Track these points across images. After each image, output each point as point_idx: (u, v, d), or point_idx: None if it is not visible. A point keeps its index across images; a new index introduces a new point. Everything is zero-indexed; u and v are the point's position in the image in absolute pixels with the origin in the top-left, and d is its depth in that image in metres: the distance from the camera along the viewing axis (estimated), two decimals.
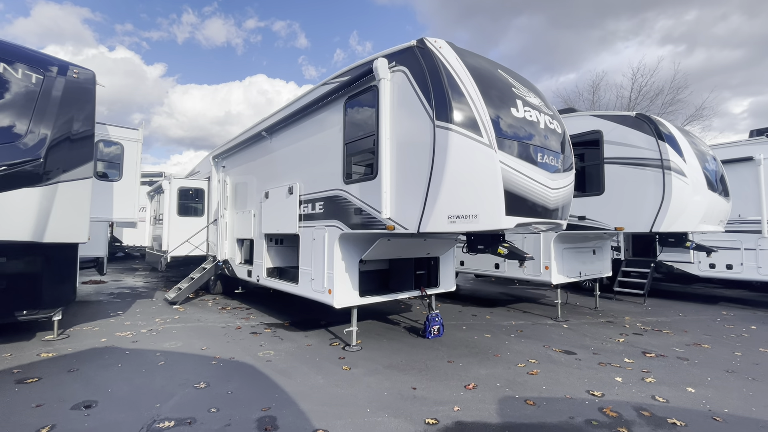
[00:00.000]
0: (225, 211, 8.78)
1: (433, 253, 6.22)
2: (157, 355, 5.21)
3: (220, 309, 8.28)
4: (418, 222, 4.00)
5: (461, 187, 3.76)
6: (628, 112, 6.40)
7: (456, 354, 5.31)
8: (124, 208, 6.02)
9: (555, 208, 4.37)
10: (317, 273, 5.53)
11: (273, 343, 5.80)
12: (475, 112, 3.75)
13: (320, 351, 5.41)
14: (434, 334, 6.09)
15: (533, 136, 4.16)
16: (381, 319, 7.35)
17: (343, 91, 5.15)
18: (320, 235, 5.51)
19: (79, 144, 4.63)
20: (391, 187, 4.36)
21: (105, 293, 9.94)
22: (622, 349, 5.59)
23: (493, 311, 8.24)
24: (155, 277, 13.47)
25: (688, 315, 7.98)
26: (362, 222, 4.81)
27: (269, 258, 7.31)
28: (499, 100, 4.01)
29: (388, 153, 4.35)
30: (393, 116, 4.36)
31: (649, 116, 6.13)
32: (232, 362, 4.97)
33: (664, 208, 5.82)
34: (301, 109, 5.96)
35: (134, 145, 6.18)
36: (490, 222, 3.75)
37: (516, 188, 3.84)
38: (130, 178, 6.09)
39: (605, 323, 7.23)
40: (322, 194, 5.56)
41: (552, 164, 4.29)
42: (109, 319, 7.20)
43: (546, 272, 7.29)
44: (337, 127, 5.30)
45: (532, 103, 4.38)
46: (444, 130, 3.74)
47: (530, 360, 5.09)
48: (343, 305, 5.24)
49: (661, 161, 5.86)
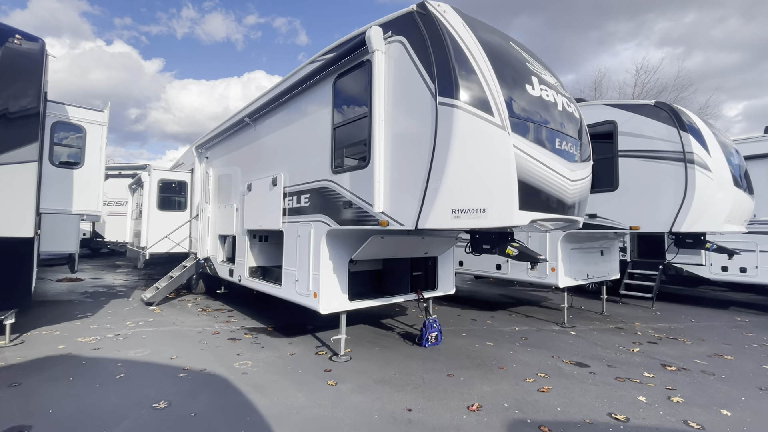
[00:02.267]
0: (207, 205, 8.14)
1: (431, 252, 5.64)
2: (118, 365, 4.59)
3: (200, 311, 7.65)
4: (416, 217, 3.41)
5: (468, 176, 3.18)
6: (646, 101, 5.85)
7: (456, 366, 4.75)
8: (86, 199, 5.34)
9: (573, 203, 3.81)
10: (302, 274, 4.94)
11: (252, 351, 5.20)
12: (486, 87, 3.16)
13: (304, 361, 4.82)
14: (432, 342, 5.53)
15: (551, 119, 3.58)
16: (373, 323, 6.77)
17: (332, 68, 4.54)
18: (305, 232, 4.91)
19: (19, 122, 3.98)
20: (385, 176, 3.76)
21: (78, 292, 9.26)
22: (639, 361, 5.06)
23: (494, 315, 7.69)
24: (137, 275, 12.78)
25: (701, 321, 7.49)
26: (352, 217, 4.22)
27: (252, 256, 6.69)
28: (513, 75, 3.42)
29: (381, 137, 3.75)
30: (388, 94, 3.77)
31: (669, 105, 5.58)
32: (202, 375, 4.37)
33: (686, 206, 5.27)
34: (286, 91, 5.35)
35: (98, 129, 5.49)
36: (500, 217, 3.17)
37: (531, 178, 3.26)
38: (93, 165, 5.40)
39: (615, 330, 6.71)
40: (309, 186, 4.95)
41: (571, 152, 3.72)
42: (75, 321, 6.56)
43: (552, 274, 6.75)
44: (325, 109, 4.69)
45: (548, 82, 3.80)
46: (448, 107, 3.15)
47: (539, 374, 4.54)
48: (329, 311, 4.65)
49: (683, 154, 5.31)
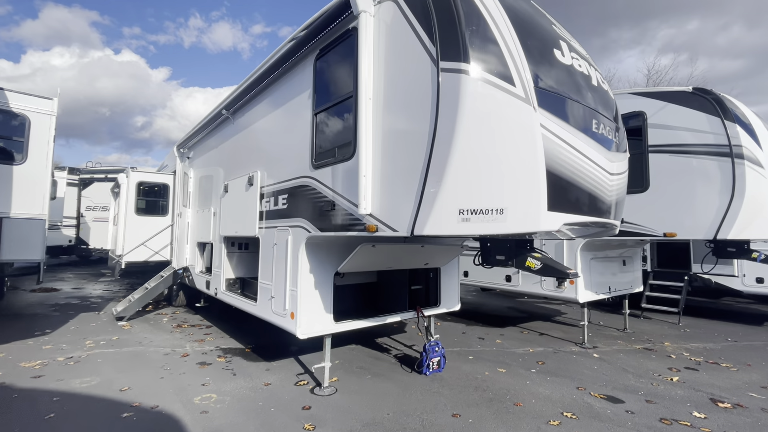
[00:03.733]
0: (185, 209, 7.38)
1: (432, 263, 4.85)
2: (53, 400, 3.80)
3: (175, 327, 6.86)
4: (411, 220, 2.63)
5: (480, 166, 2.40)
6: (682, 87, 5.07)
7: (463, 401, 3.93)
8: (29, 200, 4.59)
9: (610, 203, 3.02)
10: (278, 290, 4.15)
11: (221, 380, 4.39)
12: (504, 48, 2.39)
13: (279, 395, 4.01)
14: (434, 369, 4.71)
15: (584, 94, 2.80)
16: (367, 342, 5.95)
17: (312, 44, 3.80)
18: (282, 239, 4.13)
19: None
20: (374, 169, 2.99)
21: (47, 304, 8.49)
22: (682, 395, 4.22)
23: (503, 333, 6.85)
24: (120, 284, 12.01)
25: (738, 340, 6.62)
26: (335, 221, 3.44)
27: (230, 267, 5.92)
28: (538, 36, 2.65)
29: (369, 120, 2.98)
30: (378, 67, 3.00)
31: (710, 91, 4.80)
32: (151, 414, 3.57)
33: (734, 209, 4.47)
34: (263, 76, 4.61)
35: (45, 120, 4.75)
36: (523, 221, 2.39)
37: (563, 169, 2.48)
38: (38, 161, 4.65)
39: (643, 351, 5.86)
40: (287, 184, 4.19)
41: (610, 138, 2.94)
42: (28, 341, 5.77)
43: (571, 288, 5.92)
44: (305, 93, 3.94)
45: (579, 51, 3.03)
46: (453, 74, 2.38)
47: (565, 413, 3.71)
48: (309, 335, 3.85)
49: (730, 148, 4.52)
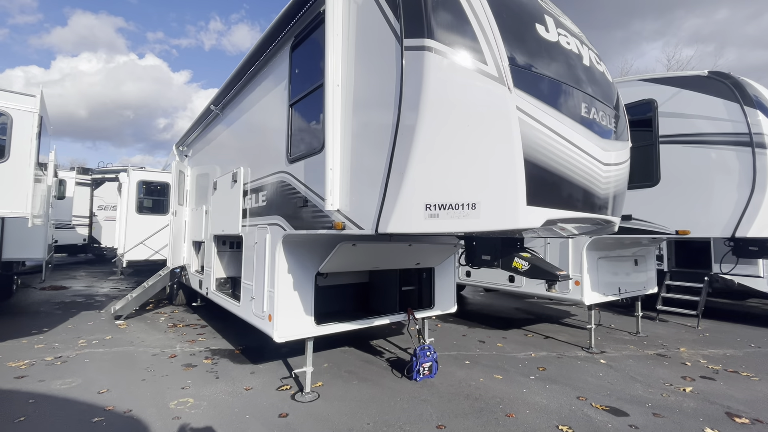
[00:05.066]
0: (182, 207, 7.32)
1: (424, 263, 4.60)
2: (29, 402, 3.73)
3: (170, 326, 6.80)
4: (375, 216, 2.39)
5: (448, 155, 2.14)
6: (697, 72, 4.66)
7: (451, 412, 3.67)
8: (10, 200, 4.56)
9: (605, 197, 2.71)
10: (258, 290, 3.98)
11: (202, 383, 4.25)
12: (474, 23, 2.13)
13: (258, 401, 3.84)
14: (424, 375, 4.46)
15: (573, 74, 2.50)
16: (360, 345, 5.74)
17: (287, 33, 3.60)
18: (262, 238, 3.95)
19: None
20: (342, 162, 2.76)
21: (53, 302, 8.60)
22: (694, 407, 3.85)
23: (506, 336, 6.54)
24: (129, 282, 12.14)
25: (762, 346, 6.13)
26: (307, 218, 3.23)
27: (221, 266, 5.80)
28: (515, 9, 2.37)
29: (338, 107, 2.75)
30: (347, 51, 2.77)
31: (728, 74, 4.38)
32: (122, 419, 3.44)
33: (754, 204, 4.05)
34: (244, 68, 4.44)
35: (28, 117, 4.68)
36: (499, 216, 2.13)
37: (545, 158, 2.20)
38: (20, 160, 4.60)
39: (656, 357, 5.46)
40: (266, 180, 4.01)
41: (603, 124, 2.63)
42: (22, 339, 5.79)
43: (576, 289, 5.57)
44: (282, 84, 3.74)
45: (569, 28, 2.73)
46: (417, 51, 2.13)
47: (560, 426, 3.41)
48: (287, 338, 3.65)
49: (750, 136, 4.10)
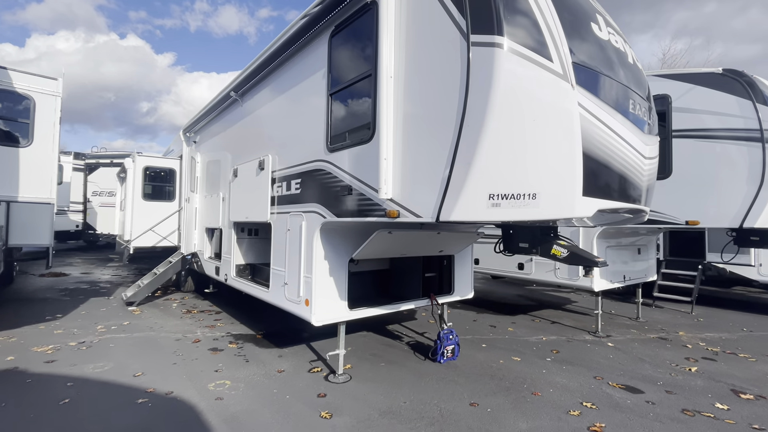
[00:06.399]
0: (193, 194, 7.29)
1: (447, 250, 4.75)
2: (67, 386, 3.78)
3: (185, 312, 6.85)
4: (437, 205, 2.51)
5: (513, 148, 2.26)
6: (711, 69, 4.85)
7: (480, 391, 3.87)
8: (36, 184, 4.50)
9: (644, 188, 2.88)
10: (291, 276, 4.07)
11: (234, 366, 4.36)
12: (540, 20, 2.23)
13: (294, 382, 3.97)
14: (448, 357, 4.65)
15: (621, 72, 2.64)
16: (377, 329, 5.91)
17: (327, 21, 3.62)
18: (296, 225, 4.03)
19: None
20: (395, 152, 2.86)
21: (57, 289, 8.51)
22: (702, 386, 4.14)
23: (514, 321, 6.79)
24: (128, 269, 12.04)
25: (754, 330, 6.52)
26: (352, 206, 3.33)
27: (240, 253, 5.85)
28: (574, 8, 2.48)
29: (391, 99, 2.84)
30: (399, 43, 2.84)
31: (742, 72, 4.58)
32: (166, 400, 3.54)
33: (762, 196, 4.31)
34: (273, 56, 4.44)
35: (50, 100, 4.60)
36: (557, 206, 2.26)
37: (600, 151, 2.34)
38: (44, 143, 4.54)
39: (658, 341, 5.78)
40: (300, 168, 4.06)
41: (644, 120, 2.79)
42: (39, 325, 5.77)
43: (586, 277, 5.81)
44: (319, 72, 3.78)
45: (613, 26, 2.85)
46: (486, 48, 2.23)
47: (584, 403, 3.65)
48: (324, 322, 3.78)
49: (761, 132, 4.33)
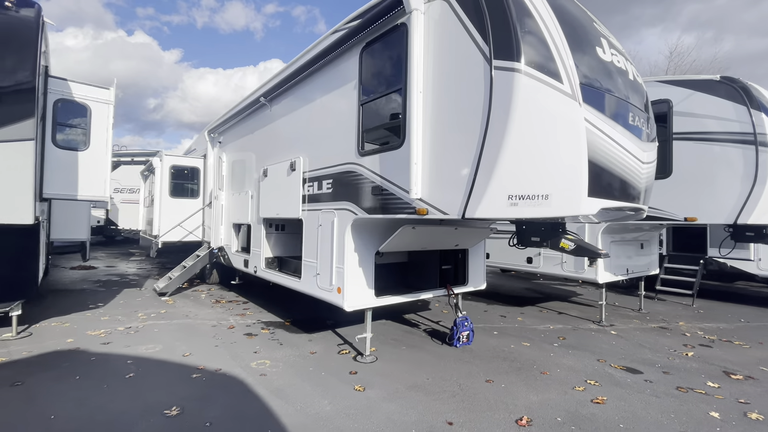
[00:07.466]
0: (220, 192, 7.77)
1: (462, 244, 5.17)
2: (127, 363, 4.27)
3: (214, 302, 7.34)
4: (463, 204, 2.94)
5: (529, 156, 2.68)
6: (709, 76, 5.20)
7: (494, 370, 4.31)
8: (92, 184, 4.98)
9: (641, 189, 3.28)
10: (323, 267, 4.52)
11: (270, 349, 4.83)
12: (553, 48, 2.63)
13: (326, 362, 4.43)
14: (463, 342, 5.09)
15: (622, 89, 3.04)
16: (396, 318, 6.36)
17: (359, 37, 4.04)
18: (328, 221, 4.48)
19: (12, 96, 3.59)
20: (423, 157, 3.28)
21: (91, 281, 9.06)
22: (697, 368, 4.54)
23: (523, 311, 7.21)
24: (150, 263, 12.61)
25: (750, 321, 6.88)
26: (382, 204, 3.76)
27: (268, 246, 6.31)
28: (582, 34, 2.88)
29: (420, 111, 3.26)
30: (428, 62, 3.25)
31: (738, 79, 4.93)
32: (217, 376, 4.01)
33: (755, 195, 4.67)
34: (306, 66, 4.86)
35: (104, 108, 5.08)
36: (566, 205, 2.68)
37: (603, 159, 2.75)
38: (99, 147, 5.03)
39: (659, 330, 6.17)
40: (331, 170, 4.50)
41: (642, 129, 3.18)
42: (86, 312, 6.29)
43: (591, 269, 6.22)
44: (350, 84, 4.20)
45: (617, 47, 3.24)
46: (507, 72, 2.64)
47: (588, 381, 4.07)
48: (355, 307, 4.23)
49: (755, 135, 4.69)
